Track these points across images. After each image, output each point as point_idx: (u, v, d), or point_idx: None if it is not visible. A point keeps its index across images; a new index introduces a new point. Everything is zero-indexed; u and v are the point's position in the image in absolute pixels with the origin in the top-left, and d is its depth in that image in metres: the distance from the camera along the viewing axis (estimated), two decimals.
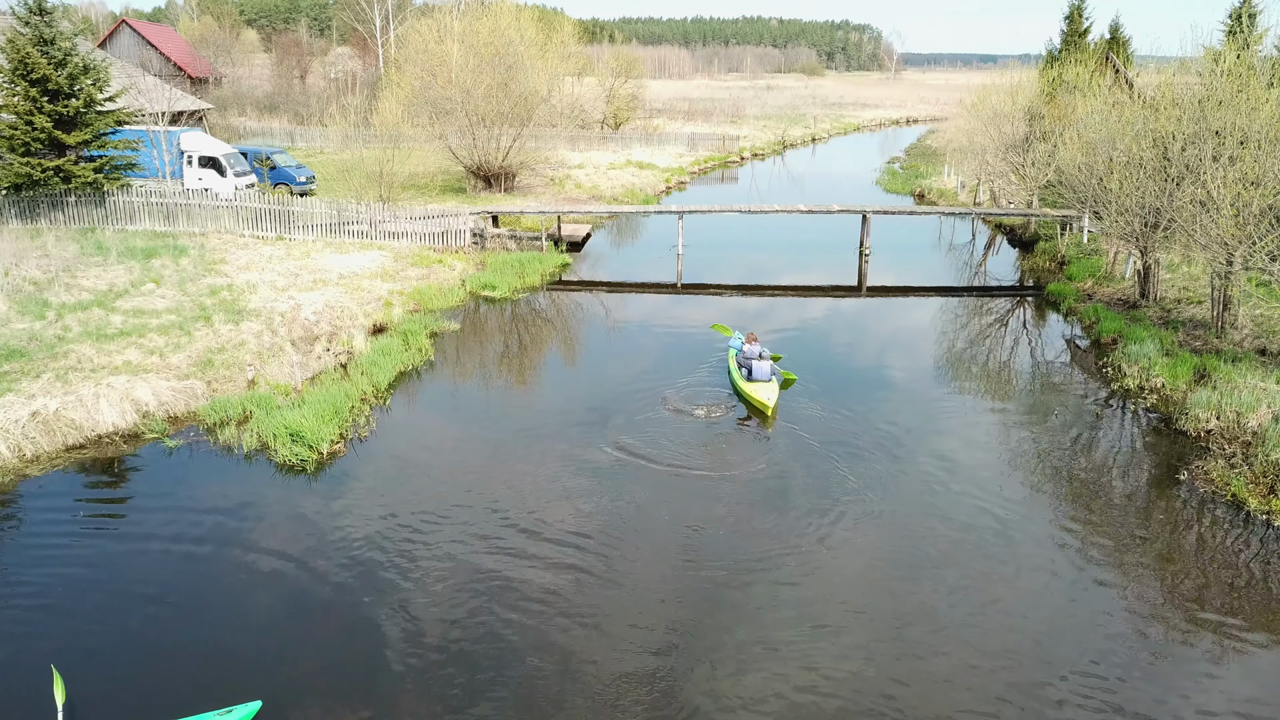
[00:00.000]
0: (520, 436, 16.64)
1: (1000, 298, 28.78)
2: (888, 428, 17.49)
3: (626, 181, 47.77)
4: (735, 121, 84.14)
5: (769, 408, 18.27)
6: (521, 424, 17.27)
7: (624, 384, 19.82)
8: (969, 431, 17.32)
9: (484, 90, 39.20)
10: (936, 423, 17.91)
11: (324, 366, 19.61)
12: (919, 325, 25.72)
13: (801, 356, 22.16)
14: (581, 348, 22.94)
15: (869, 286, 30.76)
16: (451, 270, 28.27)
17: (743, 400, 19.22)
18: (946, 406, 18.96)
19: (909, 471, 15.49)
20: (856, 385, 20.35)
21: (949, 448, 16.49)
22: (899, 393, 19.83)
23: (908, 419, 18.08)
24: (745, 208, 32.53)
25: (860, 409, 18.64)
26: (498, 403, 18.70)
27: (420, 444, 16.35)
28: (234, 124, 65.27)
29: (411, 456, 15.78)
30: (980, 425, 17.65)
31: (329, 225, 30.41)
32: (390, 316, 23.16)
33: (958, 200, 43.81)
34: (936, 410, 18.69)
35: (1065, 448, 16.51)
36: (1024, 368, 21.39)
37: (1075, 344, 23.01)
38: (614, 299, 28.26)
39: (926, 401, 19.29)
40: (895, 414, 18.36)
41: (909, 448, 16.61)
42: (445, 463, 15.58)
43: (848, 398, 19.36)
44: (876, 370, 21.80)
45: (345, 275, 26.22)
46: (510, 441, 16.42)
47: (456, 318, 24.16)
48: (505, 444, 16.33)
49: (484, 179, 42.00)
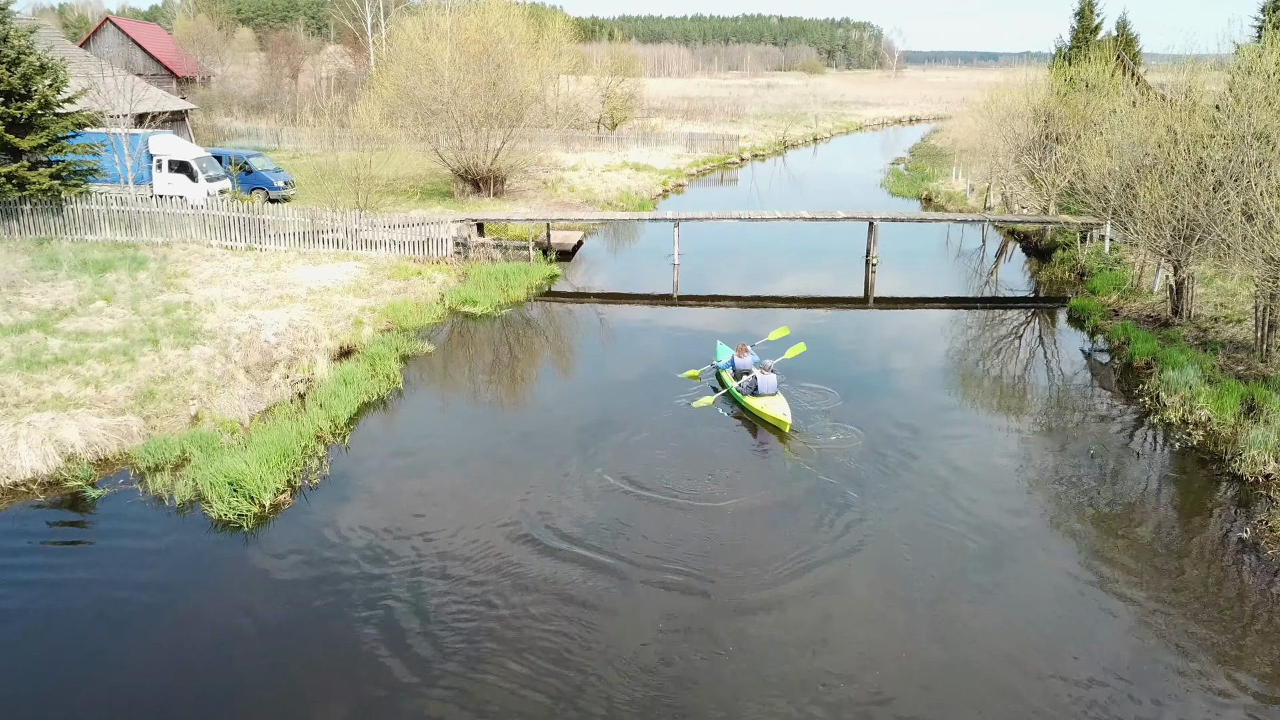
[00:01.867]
0: (495, 480, 14.80)
1: (1017, 310, 26.94)
2: (902, 456, 15.80)
3: (622, 184, 45.93)
4: (735, 121, 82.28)
5: (787, 424, 16.92)
6: (498, 463, 15.44)
7: (617, 408, 18.06)
8: (992, 465, 15.49)
9: (471, 90, 37.35)
10: (954, 453, 16.22)
11: (280, 397, 17.75)
12: (931, 340, 23.92)
13: (806, 373, 20.56)
14: (568, 369, 21.10)
15: (876, 298, 28.97)
16: (431, 283, 26.42)
17: (751, 417, 17.76)
18: (964, 433, 17.25)
19: (927, 509, 13.70)
20: (866, 406, 18.70)
21: (968, 482, 14.68)
22: (912, 416, 18.14)
23: (923, 446, 16.48)
24: (745, 215, 30.69)
25: (871, 431, 17.12)
26: (471, 440, 16.83)
27: (376, 493, 14.47)
28: (219, 124, 63.43)
29: (364, 512, 13.88)
30: (1004, 459, 15.81)
31: (302, 234, 28.57)
32: (359, 337, 21.32)
33: (966, 204, 41.95)
34: (954, 438, 17.00)
35: (1104, 493, 14.66)
36: (1049, 392, 19.53)
37: (1104, 365, 21.16)
38: (605, 312, 26.46)
39: (943, 427, 17.61)
40: (910, 440, 16.76)
41: (925, 479, 15.01)
42: (403, 517, 13.71)
43: (857, 419, 17.79)
44: (887, 390, 20.14)
45: (315, 290, 24.38)
46: (483, 487, 14.58)
47: (432, 337, 22.31)
48: (476, 491, 14.49)
49: (472, 182, 40.15)
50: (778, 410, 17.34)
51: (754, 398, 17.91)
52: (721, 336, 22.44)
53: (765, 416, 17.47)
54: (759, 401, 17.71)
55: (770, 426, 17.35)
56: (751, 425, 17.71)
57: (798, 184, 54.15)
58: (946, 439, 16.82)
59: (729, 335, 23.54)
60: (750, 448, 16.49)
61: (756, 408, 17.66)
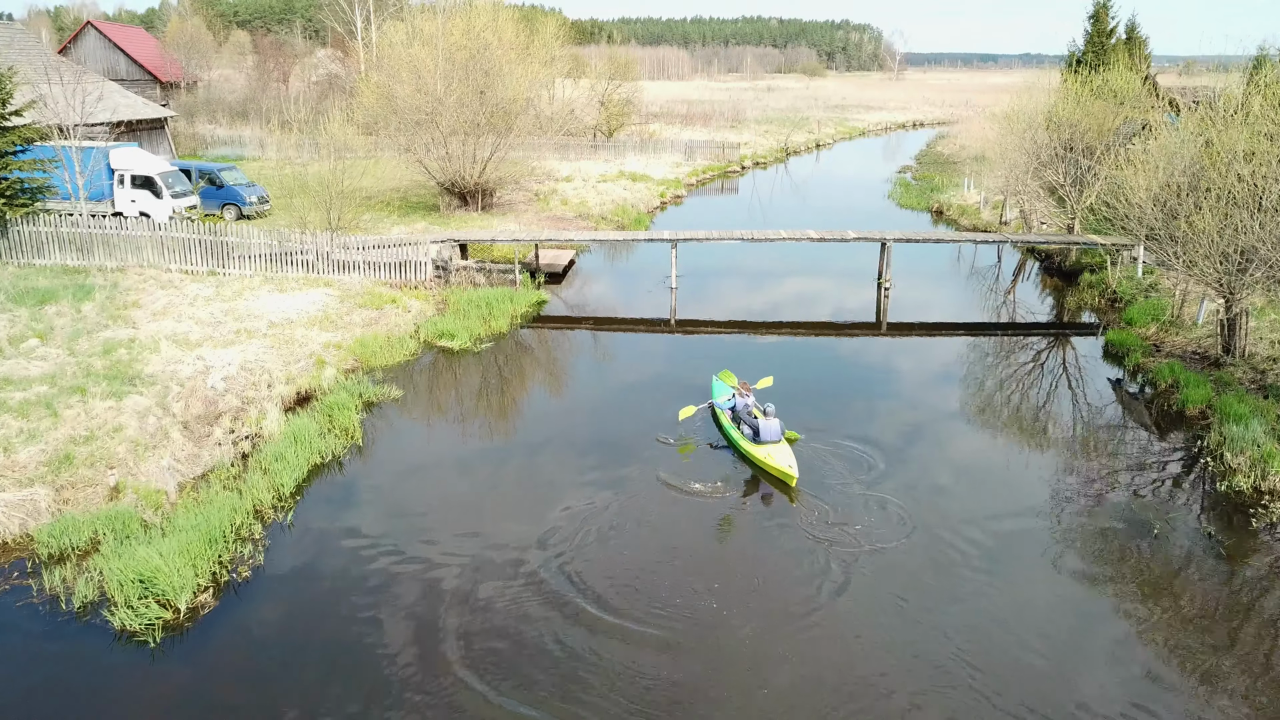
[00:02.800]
0: (466, 561, 12.60)
1: (1044, 339, 24.76)
2: (922, 510, 13.78)
3: (618, 196, 43.74)
4: (735, 126, 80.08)
5: (794, 478, 15.19)
6: (467, 538, 13.23)
7: (606, 460, 15.97)
8: (1037, 540, 13.30)
9: (457, 99, 35.15)
10: (981, 507, 14.46)
11: (220, 459, 15.54)
12: (952, 374, 21.84)
13: (815, 408, 18.92)
14: (550, 416, 18.85)
15: (890, 324, 26.81)
16: (406, 313, 24.22)
17: (751, 467, 16.09)
18: (993, 487, 15.52)
19: (951, 574, 11.52)
20: (882, 447, 16.94)
21: (1014, 565, 12.51)
22: (933, 461, 16.33)
23: (947, 498, 14.79)
24: (747, 235, 28.49)
25: (887, 477, 15.55)
26: (437, 511, 14.58)
27: (319, 589, 12.27)
28: (202, 132, 61.31)
29: (301, 615, 11.66)
30: (1049, 531, 13.61)
31: (270, 257, 26.38)
32: (319, 380, 19.11)
33: (980, 218, 39.74)
34: (981, 490, 15.30)
35: (1181, 589, 12.46)
36: (1090, 444, 17.30)
37: (1150, 411, 18.94)
38: (596, 342, 24.33)
39: (967, 476, 15.88)
40: (931, 491, 15.07)
41: (949, 537, 13.32)
42: (347, 623, 11.51)
43: (872, 464, 16.13)
44: (905, 429, 18.24)
45: (277, 323, 22.17)
46: (448, 573, 12.38)
47: (402, 378, 20.09)
48: (440, 579, 12.29)
49: (459, 196, 37.96)
50: (783, 462, 15.48)
51: (755, 445, 16.05)
52: (723, 367, 20.53)
53: (769, 469, 15.62)
54: (761, 450, 15.91)
55: (774, 479, 15.50)
56: (752, 477, 15.84)
57: (801, 194, 51.98)
58: (978, 505, 14.72)
59: (733, 366, 21.65)
60: (752, 520, 14.27)
61: (759, 458, 15.84)
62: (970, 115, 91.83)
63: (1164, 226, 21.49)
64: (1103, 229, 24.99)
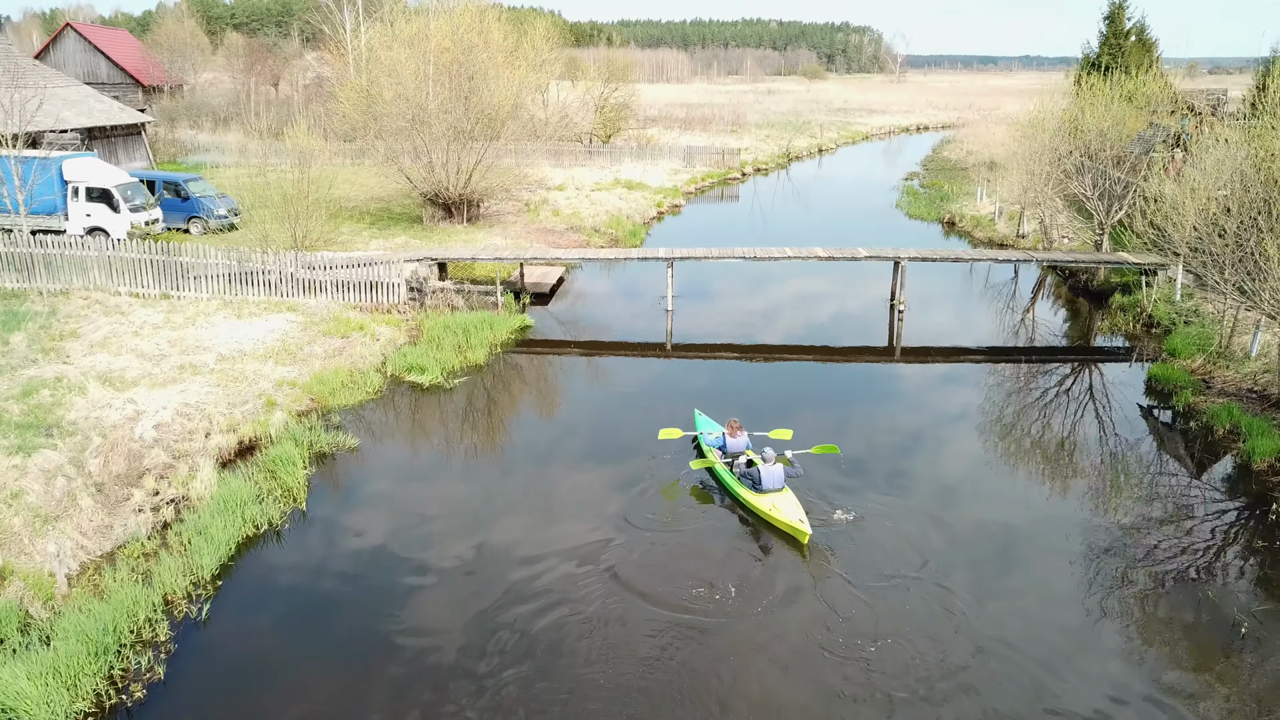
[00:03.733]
0: (415, 671, 10.36)
1: (1071, 366, 22.56)
2: (942, 569, 11.52)
3: (612, 206, 41.53)
4: (735, 130, 77.85)
5: (806, 534, 13.40)
6: (418, 635, 11.00)
7: (592, 518, 13.83)
8: (1088, 627, 11.08)
9: (439, 105, 32.96)
10: (1009, 568, 12.67)
11: (135, 531, 13.31)
12: (973, 408, 19.72)
13: (822, 443, 16.82)
14: (528, 462, 16.52)
15: (903, 348, 24.64)
16: (374, 341, 21.99)
17: (750, 516, 14.44)
18: (1031, 550, 13.46)
19: (984, 665, 9.33)
20: (899, 488, 15.38)
21: (1070, 658, 10.27)
22: (957, 504, 14.63)
23: (970, 546, 13.15)
24: (749, 253, 26.28)
25: (904, 521, 14.08)
26: (386, 601, 12.31)
27: (230, 710, 10.04)
28: (182, 138, 59.15)
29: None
30: (1102, 613, 11.40)
31: (230, 278, 24.17)
32: (267, 426, 16.86)
33: (995, 230, 37.55)
34: (1010, 545, 13.43)
35: (1235, 688, 10.25)
36: (1144, 506, 15.02)
37: (1209, 463, 16.70)
38: (583, 371, 22.26)
39: (996, 522, 14.12)
40: (953, 540, 13.42)
41: (973, 596, 11.45)
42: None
43: (888, 506, 14.59)
44: (923, 466, 16.49)
45: (227, 355, 19.95)
46: (393, 687, 10.15)
47: (362, 422, 17.86)
48: (383, 696, 10.05)
49: (443, 207, 35.78)
50: (791, 514, 13.73)
51: (756, 494, 14.35)
52: (724, 396, 18.61)
53: (776, 522, 13.87)
54: (764, 500, 14.20)
55: (781, 533, 13.77)
56: (752, 529, 14.03)
57: (804, 202, 49.75)
58: (1005, 549, 12.95)
59: (733, 395, 19.78)
60: (762, 593, 12.04)
61: (763, 509, 14.12)
62: (976, 119, 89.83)
63: (1211, 247, 19.29)
64: (1134, 245, 22.75)
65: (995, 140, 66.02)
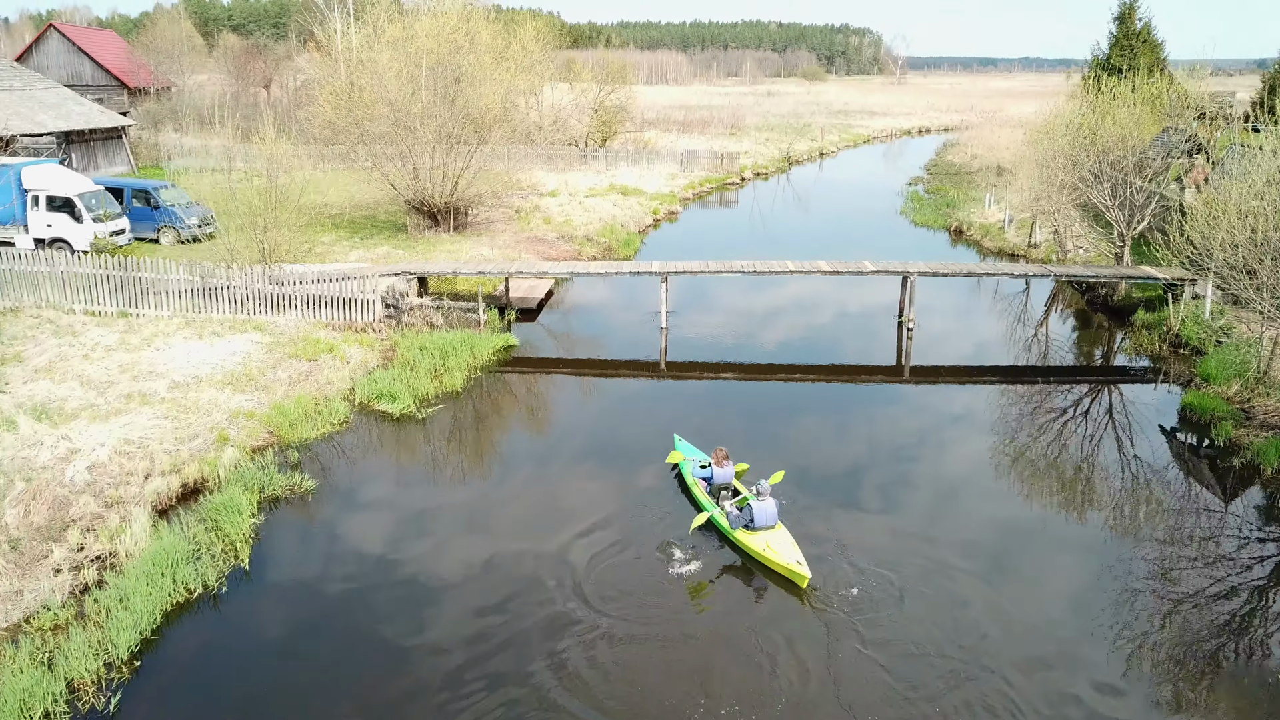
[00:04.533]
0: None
1: (1093, 388, 21.00)
2: (961, 624, 9.92)
3: (606, 213, 39.95)
4: (734, 134, 76.27)
5: (805, 578, 12.39)
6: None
7: (565, 585, 12.25)
8: (1089, 658, 9.54)
9: (423, 109, 31.38)
10: (1033, 622, 11.04)
11: (49, 596, 11.70)
12: (986, 433, 18.36)
13: (824, 476, 16.03)
14: (500, 507, 14.92)
15: (913, 368, 23.12)
16: (344, 365, 20.40)
17: (746, 559, 13.39)
18: (1058, 601, 11.80)
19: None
20: (907, 528, 14.11)
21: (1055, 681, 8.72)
22: (972, 550, 13.20)
23: (985, 599, 11.69)
24: (749, 266, 24.69)
25: (912, 572, 12.77)
26: (336, 685, 10.71)
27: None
28: (166, 141, 57.54)
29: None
30: (1106, 643, 9.85)
31: (194, 294, 22.59)
32: (215, 466, 15.25)
33: (1005, 239, 35.97)
34: (1031, 591, 11.77)
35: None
36: (1172, 535, 13.49)
37: (1251, 502, 15.13)
38: (569, 393, 20.91)
39: (1017, 567, 12.59)
40: (970, 588, 11.79)
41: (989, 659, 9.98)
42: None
43: (894, 550, 13.48)
44: (936, 502, 15.18)
45: (182, 382, 18.36)
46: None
47: (322, 460, 16.26)
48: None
49: (429, 215, 34.20)
50: (787, 556, 12.74)
51: (749, 533, 13.35)
52: (721, 418, 17.82)
53: (772, 565, 12.86)
54: (757, 539, 13.20)
55: (778, 575, 12.78)
56: (744, 570, 13.15)
57: (805, 208, 48.13)
58: (1043, 624, 11.22)
59: (732, 418, 18.40)
60: (741, 605, 10.45)
61: (757, 550, 13.11)
62: (978, 122, 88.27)
63: (1250, 262, 17.73)
64: (1167, 260, 21.16)
65: (1000, 144, 64.67)
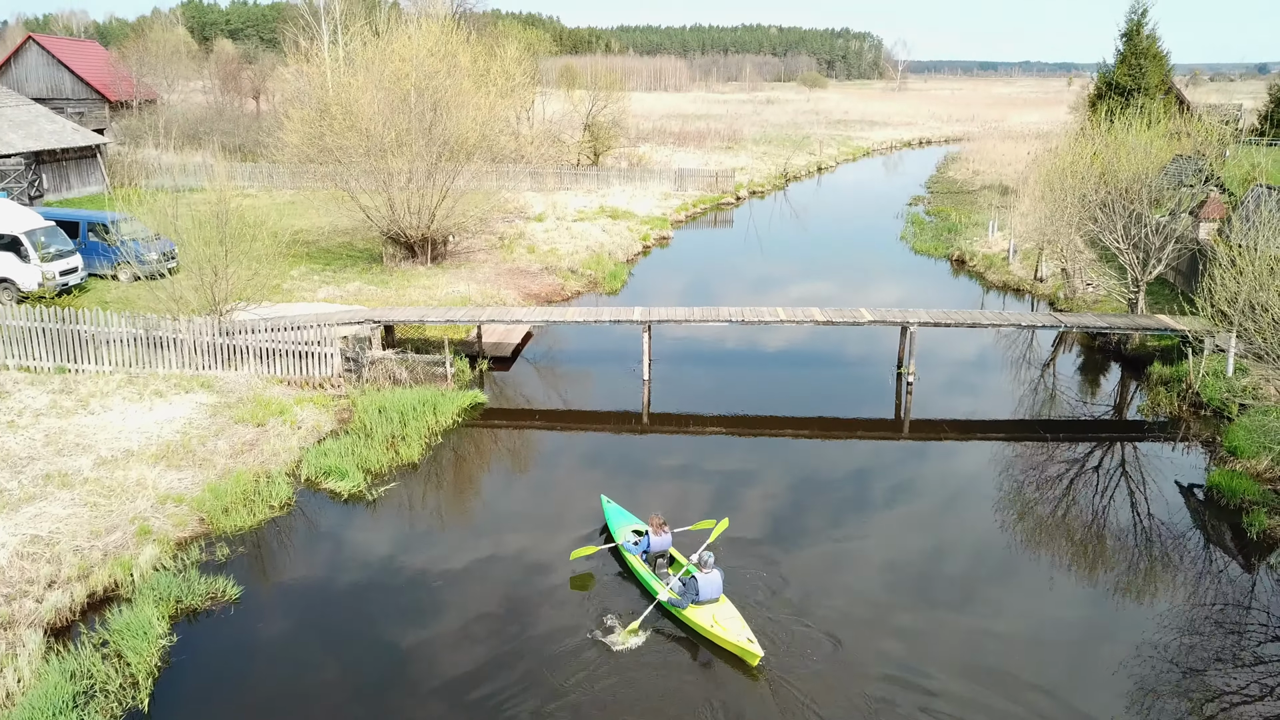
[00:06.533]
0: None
1: (1104, 451, 19.44)
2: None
3: (594, 240, 38.38)
4: (731, 147, 74.70)
5: (756, 656, 11.54)
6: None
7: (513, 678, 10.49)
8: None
9: (396, 138, 29.78)
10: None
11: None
12: (989, 498, 17.23)
13: (809, 542, 15.30)
14: (451, 609, 13.25)
15: (913, 422, 21.58)
16: (294, 431, 18.75)
17: (687, 631, 12.48)
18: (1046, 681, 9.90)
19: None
20: (901, 604, 13.09)
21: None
22: (970, 627, 11.71)
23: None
24: (737, 315, 23.06)
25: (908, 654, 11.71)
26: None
27: None
28: (145, 158, 55.87)
29: None
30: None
31: (139, 345, 20.96)
32: (130, 568, 13.60)
33: (1009, 272, 34.36)
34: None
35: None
36: (1199, 651, 11.84)
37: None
38: (542, 451, 19.93)
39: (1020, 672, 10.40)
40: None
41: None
42: None
43: (887, 628, 12.71)
44: (935, 576, 14.23)
45: (109, 457, 16.71)
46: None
47: (254, 556, 14.59)
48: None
49: (406, 246, 32.63)
50: (738, 634, 11.78)
51: (694, 608, 12.41)
52: (705, 478, 17.42)
53: (720, 642, 11.93)
54: (703, 614, 12.23)
55: (726, 653, 11.91)
56: (690, 646, 12.28)
57: (801, 232, 46.48)
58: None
59: (713, 476, 17.91)
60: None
61: (703, 627, 12.14)
62: (981, 133, 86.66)
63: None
64: (1204, 312, 19.38)
65: (1004, 159, 63.09)
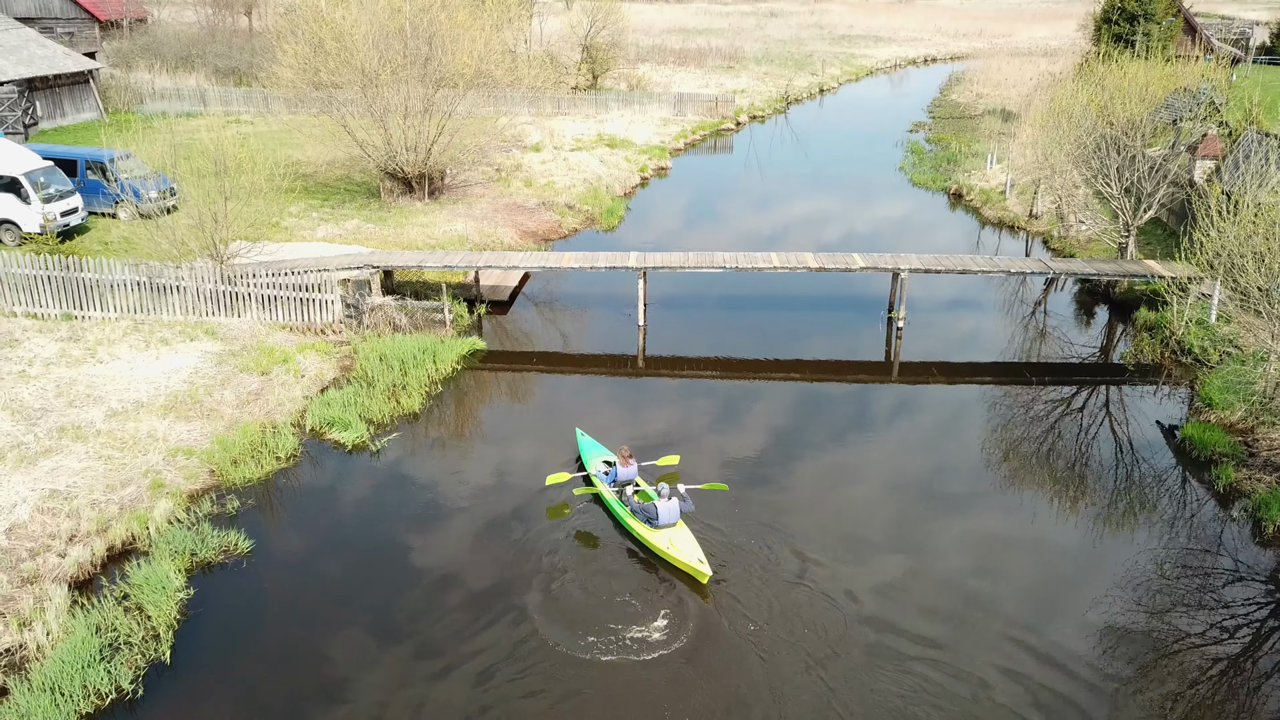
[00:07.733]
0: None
1: (1088, 395, 20.04)
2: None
3: (591, 172, 38.30)
4: (732, 67, 73.44)
5: (705, 575, 13.13)
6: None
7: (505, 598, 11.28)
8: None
9: (391, 74, 29.58)
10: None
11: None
12: (976, 434, 18.45)
13: (798, 483, 16.44)
14: (458, 553, 14.00)
15: (902, 364, 22.12)
16: (298, 379, 19.29)
17: (649, 555, 14.00)
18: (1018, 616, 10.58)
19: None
20: (876, 540, 13.91)
21: None
22: (947, 565, 12.06)
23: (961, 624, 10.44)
24: (730, 261, 23.34)
25: (882, 588, 12.06)
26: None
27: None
28: (139, 82, 55.18)
29: None
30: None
31: (143, 291, 21.35)
32: (146, 522, 14.29)
33: (1006, 208, 34.41)
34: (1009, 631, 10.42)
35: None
36: (1157, 598, 12.62)
37: (1249, 561, 14.21)
38: (539, 396, 20.59)
39: (986, 597, 10.95)
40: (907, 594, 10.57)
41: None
42: None
43: (861, 566, 13.63)
44: (914, 512, 15.38)
45: (120, 409, 17.27)
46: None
47: (265, 509, 15.26)
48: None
49: (403, 181, 32.67)
50: (689, 554, 13.36)
51: (652, 529, 13.93)
52: (698, 420, 18.22)
53: (674, 561, 13.51)
54: (659, 537, 13.79)
55: (681, 573, 13.47)
56: (649, 565, 13.85)
57: (801, 161, 46.19)
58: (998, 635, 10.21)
59: (706, 418, 18.85)
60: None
61: (659, 547, 13.69)
62: (987, 50, 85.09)
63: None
64: (1197, 261, 19.47)
65: (1007, 81, 62.22)
